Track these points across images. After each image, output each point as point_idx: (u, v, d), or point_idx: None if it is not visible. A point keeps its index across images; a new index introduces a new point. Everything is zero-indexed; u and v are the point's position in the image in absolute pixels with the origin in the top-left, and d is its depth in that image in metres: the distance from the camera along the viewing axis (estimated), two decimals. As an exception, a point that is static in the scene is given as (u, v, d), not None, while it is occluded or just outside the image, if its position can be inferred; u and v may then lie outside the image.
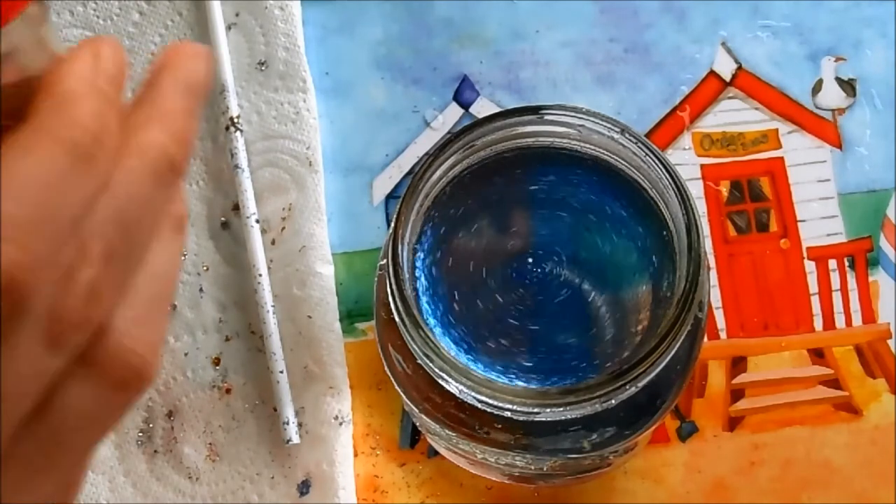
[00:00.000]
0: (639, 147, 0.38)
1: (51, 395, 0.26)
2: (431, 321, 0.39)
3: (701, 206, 0.50)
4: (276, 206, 0.50)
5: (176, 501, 0.47)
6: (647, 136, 0.50)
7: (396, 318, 0.37)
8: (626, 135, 0.38)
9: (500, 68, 0.52)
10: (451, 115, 0.52)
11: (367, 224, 0.51)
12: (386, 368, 0.41)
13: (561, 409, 0.36)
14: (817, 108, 0.52)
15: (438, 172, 0.39)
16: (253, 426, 0.48)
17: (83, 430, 0.27)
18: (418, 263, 0.40)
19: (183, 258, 0.50)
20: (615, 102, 0.52)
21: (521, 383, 0.38)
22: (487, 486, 0.47)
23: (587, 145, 0.40)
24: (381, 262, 0.40)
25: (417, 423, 0.45)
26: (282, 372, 0.47)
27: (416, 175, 0.38)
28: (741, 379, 0.49)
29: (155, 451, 0.48)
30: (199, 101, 0.29)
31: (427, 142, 0.52)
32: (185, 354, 0.49)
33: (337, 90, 0.52)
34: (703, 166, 0.51)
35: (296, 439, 0.47)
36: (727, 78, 0.52)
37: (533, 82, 0.52)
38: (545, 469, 0.41)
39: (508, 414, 0.36)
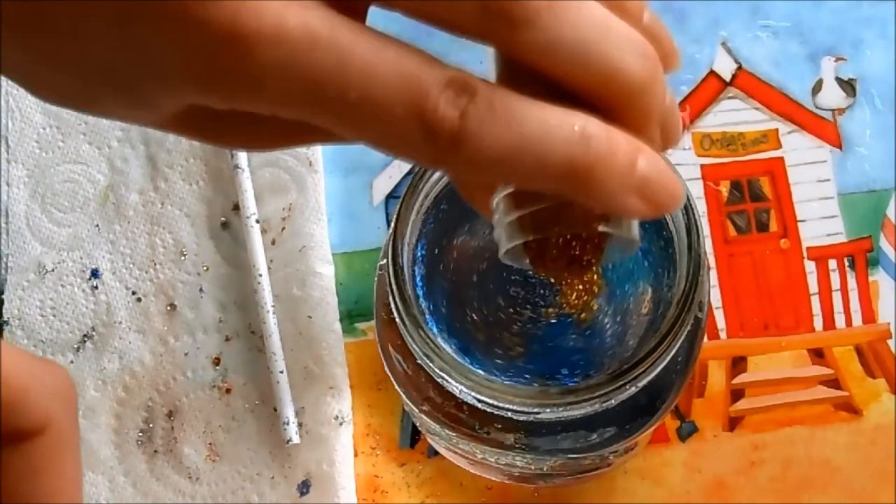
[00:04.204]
0: (639, 147, 0.38)
1: None
2: (431, 321, 0.39)
3: (701, 206, 0.50)
4: (276, 206, 0.50)
5: (176, 501, 0.47)
6: (647, 136, 0.50)
7: (396, 318, 0.37)
8: (626, 135, 0.38)
9: (500, 68, 0.52)
10: (451, 115, 0.52)
11: (367, 224, 0.51)
12: (386, 368, 0.41)
13: (561, 409, 0.36)
14: (817, 108, 0.52)
15: (438, 172, 0.39)
16: (253, 426, 0.48)
17: None
18: (418, 263, 0.40)
19: (183, 258, 0.50)
20: (615, 102, 0.52)
21: (521, 383, 0.38)
22: (487, 486, 0.47)
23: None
24: (381, 262, 0.40)
25: (417, 423, 0.45)
26: (282, 372, 0.47)
27: (416, 175, 0.38)
28: (741, 379, 0.49)
29: (155, 451, 0.48)
30: None
31: (427, 142, 0.51)
32: (185, 354, 0.49)
33: (337, 90, 0.52)
34: (703, 166, 0.51)
35: (296, 439, 0.47)
36: (727, 78, 0.52)
37: (533, 82, 0.52)
38: (545, 469, 0.41)
39: (508, 414, 0.36)
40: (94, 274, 0.50)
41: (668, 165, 0.28)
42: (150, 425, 0.48)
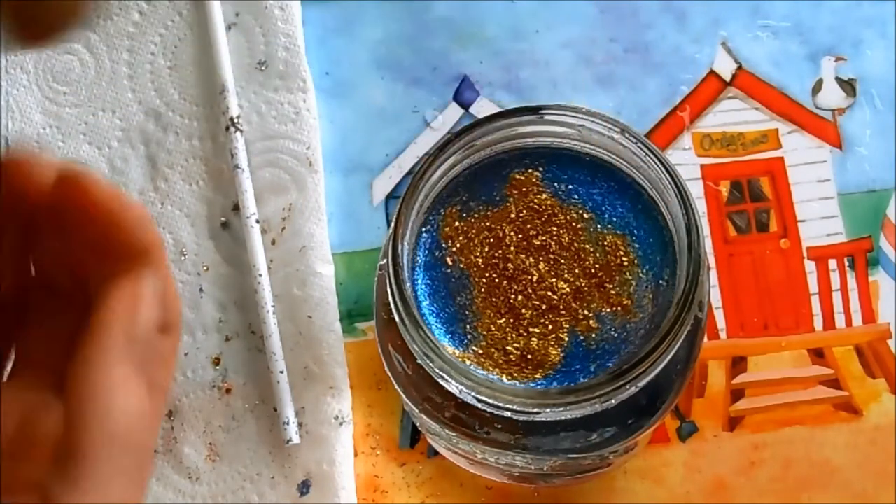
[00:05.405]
0: (639, 147, 0.38)
1: None
2: (431, 321, 0.39)
3: (701, 206, 0.50)
4: (276, 206, 0.50)
5: (176, 501, 0.47)
6: (647, 136, 0.50)
7: (396, 318, 0.37)
8: (626, 135, 0.38)
9: (500, 68, 0.52)
10: (451, 115, 0.52)
11: (367, 224, 0.51)
12: (386, 368, 0.41)
13: (561, 409, 0.36)
14: (817, 108, 0.52)
15: (438, 172, 0.39)
16: (253, 426, 0.48)
17: None
18: (418, 263, 0.40)
19: (183, 258, 0.50)
20: (615, 102, 0.52)
21: (520, 383, 0.38)
22: (487, 486, 0.47)
23: (587, 145, 0.40)
24: (381, 262, 0.40)
25: (417, 423, 0.45)
26: (282, 372, 0.47)
27: (416, 175, 0.38)
28: (741, 379, 0.49)
29: (155, 451, 0.48)
30: None
31: (427, 142, 0.52)
32: (185, 354, 0.49)
33: (337, 90, 0.52)
34: (703, 166, 0.51)
35: (296, 439, 0.47)
36: (727, 78, 0.52)
37: (533, 82, 0.52)
38: (545, 469, 0.41)
39: (508, 414, 0.36)
40: (94, 274, 0.50)
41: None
42: (150, 425, 0.48)
